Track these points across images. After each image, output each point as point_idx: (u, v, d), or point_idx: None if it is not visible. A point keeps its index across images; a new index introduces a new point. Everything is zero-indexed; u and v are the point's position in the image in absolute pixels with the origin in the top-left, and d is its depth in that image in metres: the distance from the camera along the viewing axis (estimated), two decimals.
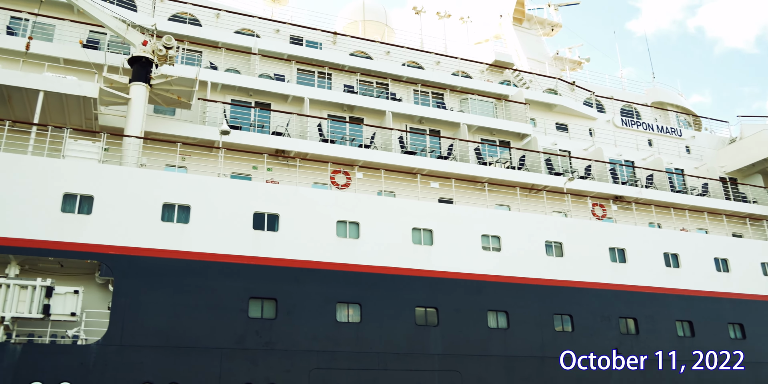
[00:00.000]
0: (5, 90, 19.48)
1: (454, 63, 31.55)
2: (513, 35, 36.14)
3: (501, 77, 32.52)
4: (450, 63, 31.49)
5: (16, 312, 16.03)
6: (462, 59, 31.88)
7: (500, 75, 32.53)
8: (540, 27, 37.74)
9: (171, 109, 23.72)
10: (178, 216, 19.10)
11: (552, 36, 38.06)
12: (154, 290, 17.69)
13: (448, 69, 31.23)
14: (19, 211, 17.34)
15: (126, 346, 16.75)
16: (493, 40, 36.71)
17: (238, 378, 17.53)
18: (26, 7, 23.93)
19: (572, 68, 37.25)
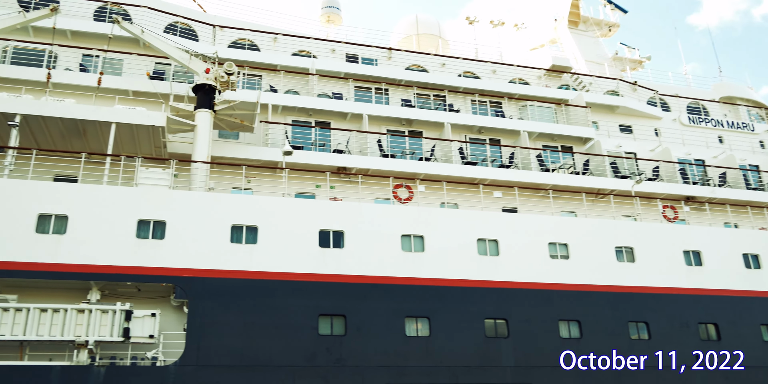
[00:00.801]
0: (80, 124, 20.52)
1: (510, 70, 31.36)
2: (569, 38, 35.64)
3: (559, 82, 32.09)
4: (506, 71, 31.32)
5: (98, 336, 16.79)
6: (518, 66, 31.68)
7: (558, 80, 32.11)
8: (597, 28, 37.07)
9: (235, 132, 24.48)
10: (246, 237, 19.61)
11: (609, 36, 37.32)
12: (227, 311, 18.21)
13: (504, 77, 31.06)
14: (97, 238, 18.19)
15: (202, 366, 17.29)
16: (548, 45, 36.24)
17: None
18: (96, 44, 25.19)
19: (633, 68, 36.38)
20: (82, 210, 18.43)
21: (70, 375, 16.33)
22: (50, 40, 24.24)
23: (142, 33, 23.17)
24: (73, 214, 18.33)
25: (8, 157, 19.29)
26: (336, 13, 33.36)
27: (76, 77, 23.50)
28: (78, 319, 16.88)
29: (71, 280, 17.69)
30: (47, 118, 20.09)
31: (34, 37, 24.67)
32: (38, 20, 22.70)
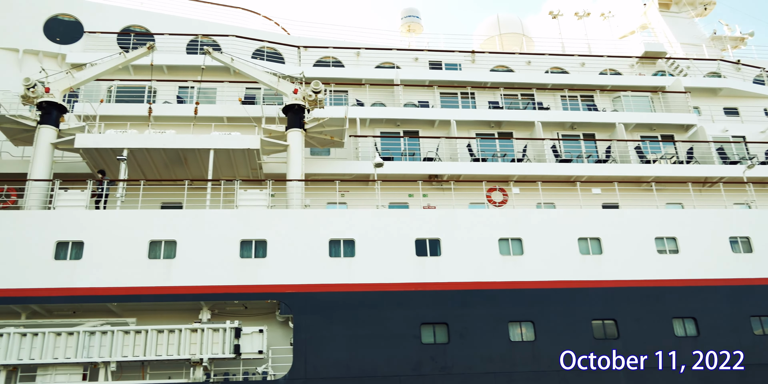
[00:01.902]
0: (181, 152, 21.65)
1: (600, 62, 30.35)
2: (661, 22, 34.05)
3: (654, 68, 30.72)
4: (596, 62, 30.33)
5: (211, 353, 17.59)
6: (608, 56, 30.62)
7: (653, 66, 30.74)
8: (691, 8, 35.21)
9: (326, 149, 25.05)
10: (344, 250, 19.94)
11: (705, 15, 35.35)
12: (331, 324, 18.58)
13: (594, 69, 30.09)
14: (204, 260, 19.08)
15: (311, 379, 17.73)
16: (639, 32, 34.82)
17: None
18: (191, 75, 26.59)
19: (734, 46, 34.25)
20: (188, 234, 19.40)
21: None
22: (149, 76, 25.83)
23: (231, 61, 24.20)
24: (181, 238, 19.34)
25: (119, 189, 20.62)
26: (416, 22, 33.58)
27: (174, 109, 24.87)
28: (192, 338, 17.75)
29: (183, 301, 18.65)
30: (151, 150, 21.33)
31: (135, 74, 26.35)
32: (137, 59, 24.16)
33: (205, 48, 24.42)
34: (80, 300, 18.29)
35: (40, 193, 20.50)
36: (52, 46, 26.41)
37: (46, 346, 17.36)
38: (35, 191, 20.46)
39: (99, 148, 21.07)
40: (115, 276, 18.58)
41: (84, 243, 19.01)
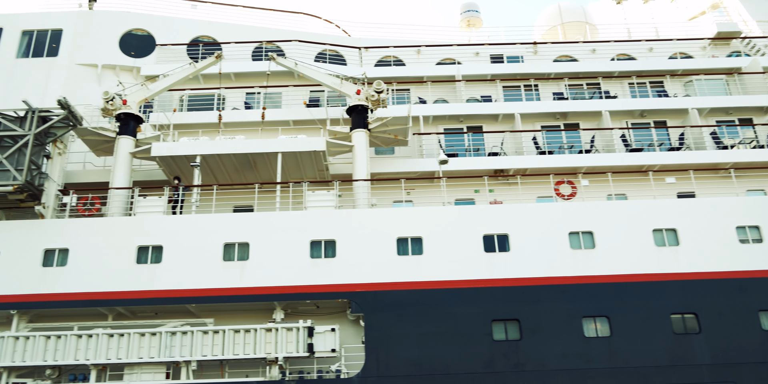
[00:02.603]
0: (251, 157, 22.29)
1: (669, 46, 29.30)
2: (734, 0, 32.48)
3: (728, 49, 29.40)
4: (664, 47, 29.30)
5: (286, 352, 18.10)
6: (678, 40, 29.51)
7: (726, 47, 29.43)
8: None
9: (390, 148, 25.25)
10: (412, 248, 20.08)
11: None
12: (401, 322, 18.76)
13: (663, 53, 29.10)
14: (276, 261, 19.61)
15: (384, 377, 17.97)
16: (710, 11, 33.28)
17: None
18: (257, 81, 27.31)
19: None
20: (260, 236, 19.99)
21: None
22: (218, 84, 26.70)
23: (295, 65, 24.73)
24: (253, 240, 19.95)
25: (194, 195, 21.44)
26: (476, 17, 33.31)
27: (242, 115, 25.62)
28: (267, 338, 18.32)
29: (257, 301, 19.24)
30: (222, 156, 22.07)
31: (204, 83, 27.27)
32: (206, 68, 25.01)
33: (270, 54, 25.04)
34: (161, 302, 19.17)
35: (121, 200, 21.57)
36: (128, 60, 27.66)
37: (132, 346, 18.31)
38: (117, 199, 21.54)
39: (174, 156, 21.96)
40: (192, 278, 19.37)
41: (163, 247, 19.89)
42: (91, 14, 28.49)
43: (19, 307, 19.25)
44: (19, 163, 20.56)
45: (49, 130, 21.48)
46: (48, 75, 26.61)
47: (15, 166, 20.50)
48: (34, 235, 20.19)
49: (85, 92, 26.01)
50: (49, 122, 21.27)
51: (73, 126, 21.76)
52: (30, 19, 27.98)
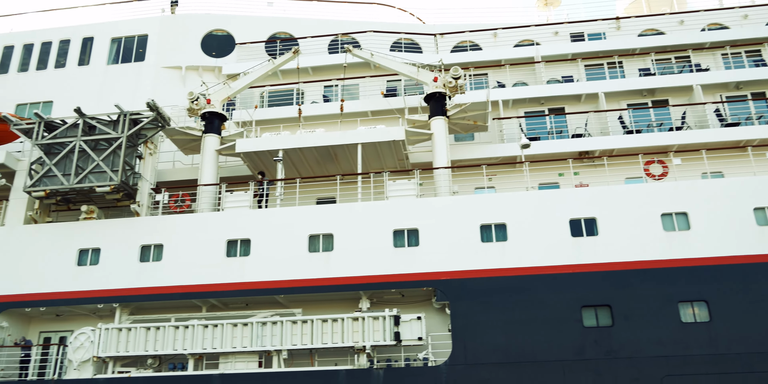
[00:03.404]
0: (331, 149, 22.54)
1: (766, 11, 27.37)
2: None
3: None
4: (762, 12, 27.40)
5: (373, 341, 18.24)
6: None
7: None
8: None
9: (470, 134, 24.92)
10: (496, 235, 19.75)
11: None
12: (487, 309, 18.52)
13: (760, 20, 27.22)
14: (358, 251, 19.76)
15: (471, 365, 17.80)
16: None
17: None
18: (334, 74, 27.57)
19: None
20: (344, 227, 20.18)
21: (355, 377, 17.97)
22: (296, 79, 27.12)
23: (371, 56, 24.77)
24: (337, 231, 20.17)
25: (278, 188, 21.90)
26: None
27: (321, 108, 25.92)
28: (354, 327, 18.51)
29: (343, 291, 19.47)
30: (304, 149, 22.42)
31: (283, 79, 27.76)
32: (285, 64, 25.42)
33: (346, 46, 25.18)
34: (250, 293, 19.73)
35: (209, 196, 22.32)
36: (210, 61, 28.52)
37: (225, 336, 18.95)
38: (205, 195, 22.30)
39: (257, 151, 22.50)
40: (280, 270, 19.82)
41: (251, 240, 20.43)
42: (174, 18, 29.55)
43: (120, 300, 20.32)
44: (114, 164, 21.62)
45: (140, 132, 22.45)
46: (137, 79, 27.83)
47: (111, 167, 21.56)
48: (131, 232, 21.20)
49: (172, 94, 27.06)
50: (140, 124, 22.23)
51: (162, 127, 22.65)
52: (118, 27, 29.33)
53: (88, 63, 28.84)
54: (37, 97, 28.31)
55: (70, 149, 21.93)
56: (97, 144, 22.08)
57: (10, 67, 29.48)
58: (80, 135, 22.08)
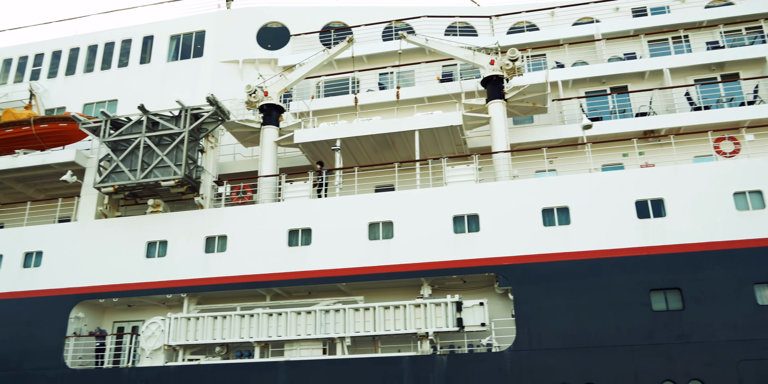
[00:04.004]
0: (388, 137, 22.47)
1: None
2: None
3: None
4: None
5: (436, 327, 18.15)
6: None
7: None
8: None
9: (529, 116, 24.41)
10: (558, 219, 19.28)
11: None
12: (552, 294, 18.13)
13: None
14: (419, 238, 19.65)
15: (536, 351, 17.50)
16: None
17: (655, 375, 16.73)
18: (389, 61, 27.42)
19: None
20: (403, 214, 20.13)
21: (418, 364, 17.93)
22: (351, 68, 27.12)
23: (426, 42, 24.54)
24: (397, 218, 20.13)
25: (337, 177, 21.99)
26: None
27: (377, 96, 25.83)
28: (416, 314, 18.47)
29: (404, 278, 19.43)
30: (361, 138, 22.44)
31: (338, 68, 27.79)
32: (339, 53, 25.45)
33: (400, 33, 25.02)
34: (313, 282, 19.93)
35: (270, 187, 22.61)
36: (265, 53, 28.82)
37: (289, 324, 19.23)
38: (266, 186, 22.61)
39: (315, 141, 22.66)
40: (341, 258, 19.93)
41: (312, 229, 20.62)
42: (230, 13, 29.99)
43: (187, 290, 20.87)
44: (177, 158, 22.14)
45: (201, 126, 22.91)
46: (196, 74, 28.42)
47: (174, 161, 22.09)
48: (195, 224, 21.72)
49: (230, 87, 27.53)
50: (201, 119, 22.67)
51: (221, 120, 23.06)
52: (176, 25, 29.99)
53: (149, 61, 29.63)
54: (103, 96, 29.30)
55: (136, 145, 22.57)
56: (160, 139, 22.65)
57: (77, 68, 30.59)
58: (144, 131, 22.69)
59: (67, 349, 21.06)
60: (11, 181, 26.08)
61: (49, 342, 21.14)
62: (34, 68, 31.36)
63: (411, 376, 17.80)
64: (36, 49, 31.83)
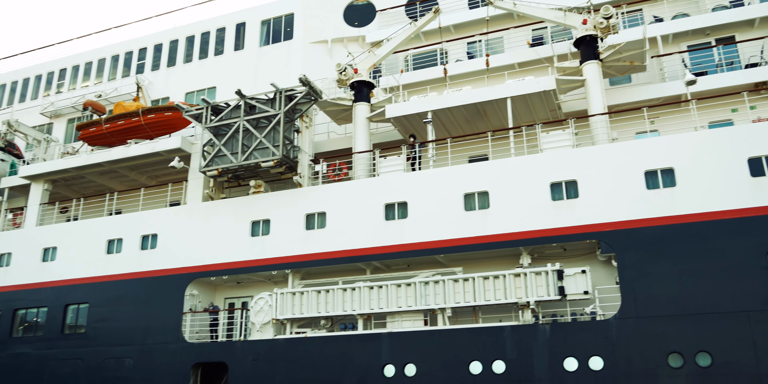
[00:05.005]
0: (480, 106, 22.13)
1: None
2: None
3: None
4: None
5: (537, 296, 17.89)
6: None
7: None
8: None
9: (626, 76, 23.30)
10: (663, 181, 18.37)
11: None
12: (658, 259, 17.37)
13: None
14: (518, 206, 19.30)
15: (643, 318, 16.88)
16: None
17: None
18: (476, 29, 26.89)
19: None
20: (499, 184, 19.85)
21: (520, 333, 17.77)
22: (438, 39, 26.80)
23: (514, 6, 23.85)
24: (492, 188, 19.87)
25: (429, 150, 21.93)
26: None
27: (466, 65, 25.43)
28: (516, 283, 18.27)
29: (502, 248, 19.22)
30: (452, 109, 22.23)
31: (425, 40, 27.54)
32: (426, 25, 25.17)
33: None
34: (411, 254, 20.09)
35: (365, 163, 22.88)
36: (353, 31, 28.99)
37: (390, 297, 19.54)
38: (361, 162, 22.90)
39: (406, 115, 22.66)
40: (437, 230, 19.95)
41: (407, 203, 20.74)
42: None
43: (291, 266, 21.60)
44: (275, 140, 22.78)
45: (295, 107, 23.42)
46: (287, 57, 29.03)
47: (272, 143, 22.75)
48: (295, 203, 22.37)
49: (320, 67, 27.94)
50: (295, 100, 23.17)
51: (314, 100, 23.47)
52: (266, 10, 30.67)
53: (242, 47, 30.53)
54: (203, 84, 30.54)
55: (235, 129, 23.41)
56: (258, 122, 23.36)
57: (177, 59, 32.00)
58: (242, 115, 23.47)
59: (185, 325, 22.41)
60: (125, 170, 27.79)
61: (168, 318, 22.57)
62: (138, 62, 33.09)
63: (514, 346, 17.69)
64: (139, 44, 33.53)
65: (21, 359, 24.65)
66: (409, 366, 18.63)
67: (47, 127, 34.03)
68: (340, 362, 19.46)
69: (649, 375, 16.35)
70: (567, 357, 17.08)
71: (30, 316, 25.66)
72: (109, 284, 24.13)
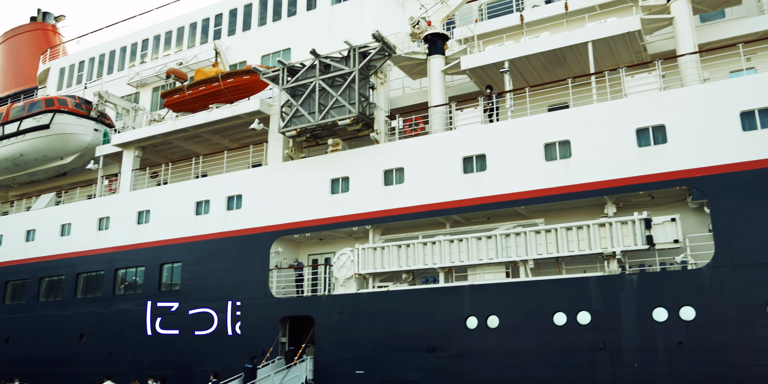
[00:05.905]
0: (559, 52, 21.25)
1: None
2: None
3: None
4: None
5: (623, 246, 17.25)
6: None
7: None
8: None
9: (718, 11, 21.68)
10: (761, 122, 17.13)
11: None
12: (755, 205, 16.33)
13: None
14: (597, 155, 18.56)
15: (739, 266, 15.99)
16: None
17: None
18: None
19: None
20: (580, 132, 19.10)
21: (606, 284, 17.27)
22: None
23: None
24: (574, 137, 19.17)
25: (507, 100, 21.32)
26: None
27: (543, 11, 24.27)
28: (601, 233, 17.68)
29: (586, 198, 18.59)
30: (530, 57, 21.48)
31: None
32: None
33: None
34: (491, 207, 19.78)
35: (441, 117, 22.52)
36: None
37: (471, 250, 19.39)
38: (437, 116, 22.54)
39: (482, 66, 22.08)
40: (517, 181, 19.51)
41: (486, 155, 20.34)
42: None
43: (371, 222, 21.74)
44: (350, 97, 22.72)
45: (369, 64, 23.18)
46: (359, 13, 28.63)
47: (348, 101, 22.70)
48: (373, 159, 22.37)
49: (393, 22, 27.43)
50: (368, 56, 22.93)
51: (388, 55, 23.16)
52: None
53: (315, 7, 30.35)
54: (277, 46, 30.69)
55: (312, 89, 23.48)
56: (333, 81, 23.32)
57: (252, 23, 32.24)
58: (318, 75, 23.48)
59: (272, 280, 23.10)
60: (209, 134, 28.55)
61: (256, 274, 23.32)
62: (215, 28, 33.58)
63: (599, 297, 17.22)
64: (215, 10, 33.97)
65: (125, 314, 26.21)
66: (492, 318, 18.52)
67: (134, 97, 35.30)
68: (422, 315, 19.59)
69: (745, 325, 15.58)
70: (656, 307, 16.48)
71: (129, 275, 27.14)
72: (199, 244, 25.11)
